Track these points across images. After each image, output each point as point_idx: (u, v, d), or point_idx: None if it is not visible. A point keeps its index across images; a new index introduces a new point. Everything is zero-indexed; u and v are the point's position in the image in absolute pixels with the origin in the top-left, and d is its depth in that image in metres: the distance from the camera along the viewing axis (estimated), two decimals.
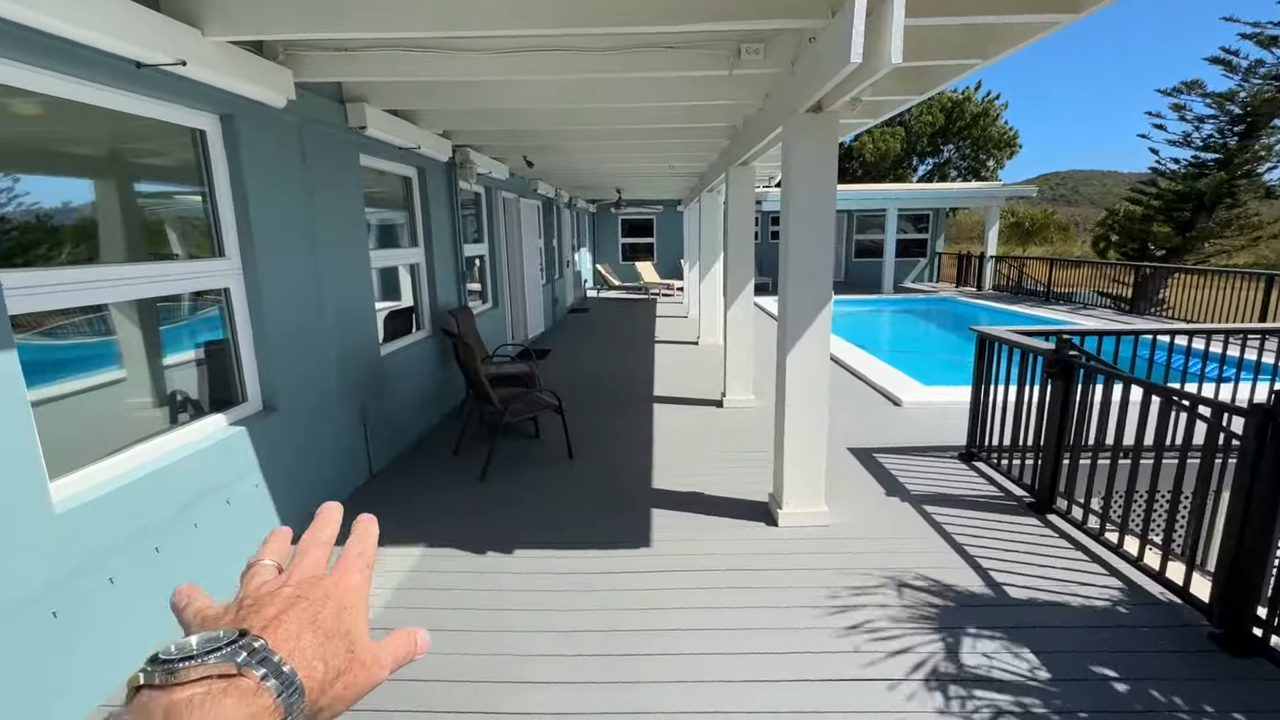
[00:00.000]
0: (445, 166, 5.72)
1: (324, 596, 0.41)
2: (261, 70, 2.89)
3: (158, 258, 2.92)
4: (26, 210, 2.31)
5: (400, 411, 4.73)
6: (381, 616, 2.67)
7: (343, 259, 3.91)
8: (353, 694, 0.40)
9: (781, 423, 3.38)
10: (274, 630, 0.36)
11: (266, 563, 0.46)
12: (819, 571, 2.94)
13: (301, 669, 0.35)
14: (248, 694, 0.32)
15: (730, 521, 3.48)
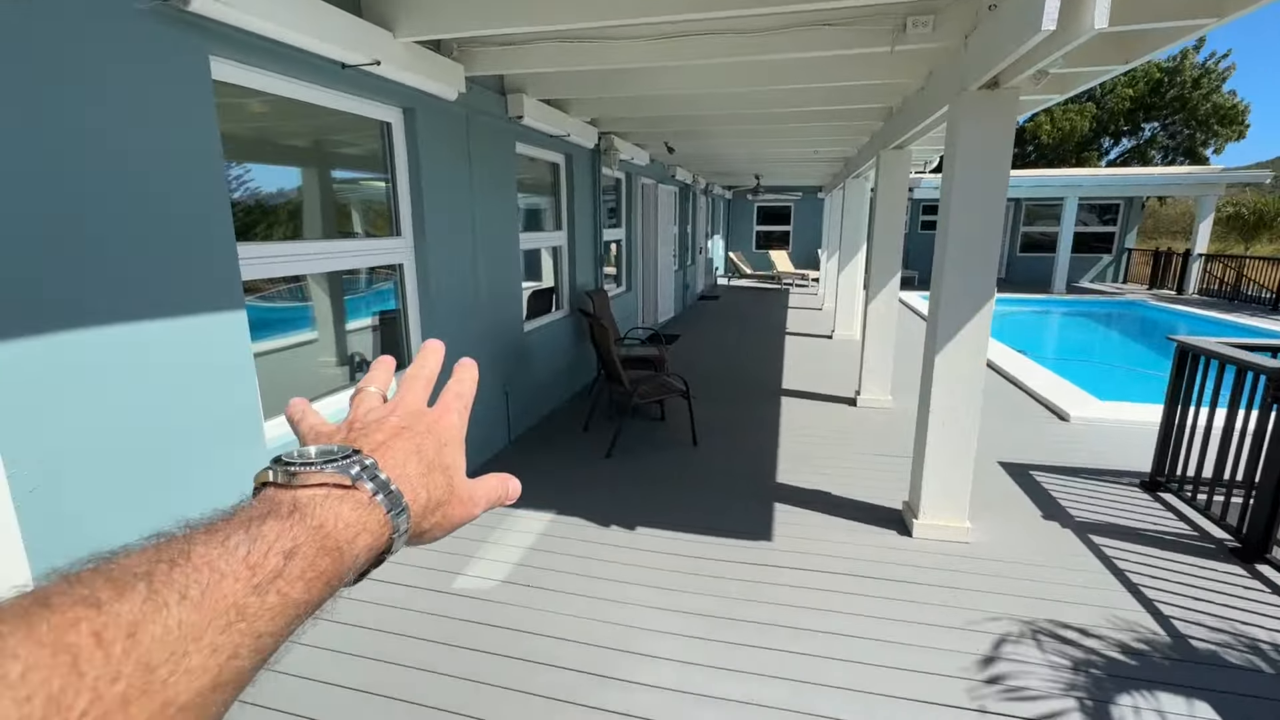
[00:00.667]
0: (590, 153, 5.94)
1: (426, 430, 0.42)
2: (439, 66, 3.18)
3: (345, 236, 3.35)
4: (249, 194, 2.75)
5: (537, 385, 5.04)
6: (515, 572, 2.89)
7: (496, 240, 4.22)
8: (449, 525, 0.41)
9: (924, 426, 3.14)
10: (382, 453, 0.38)
11: (372, 390, 0.46)
12: (957, 592, 2.71)
13: (406, 492, 0.37)
14: (362, 504, 0.34)
15: (857, 525, 3.32)
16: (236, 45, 2.22)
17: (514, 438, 4.62)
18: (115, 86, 1.83)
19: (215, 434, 2.21)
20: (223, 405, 2.24)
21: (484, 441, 4.17)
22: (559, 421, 5.09)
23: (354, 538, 0.33)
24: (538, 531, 3.27)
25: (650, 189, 8.76)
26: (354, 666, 2.28)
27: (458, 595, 2.71)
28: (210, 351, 2.18)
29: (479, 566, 2.93)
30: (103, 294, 1.82)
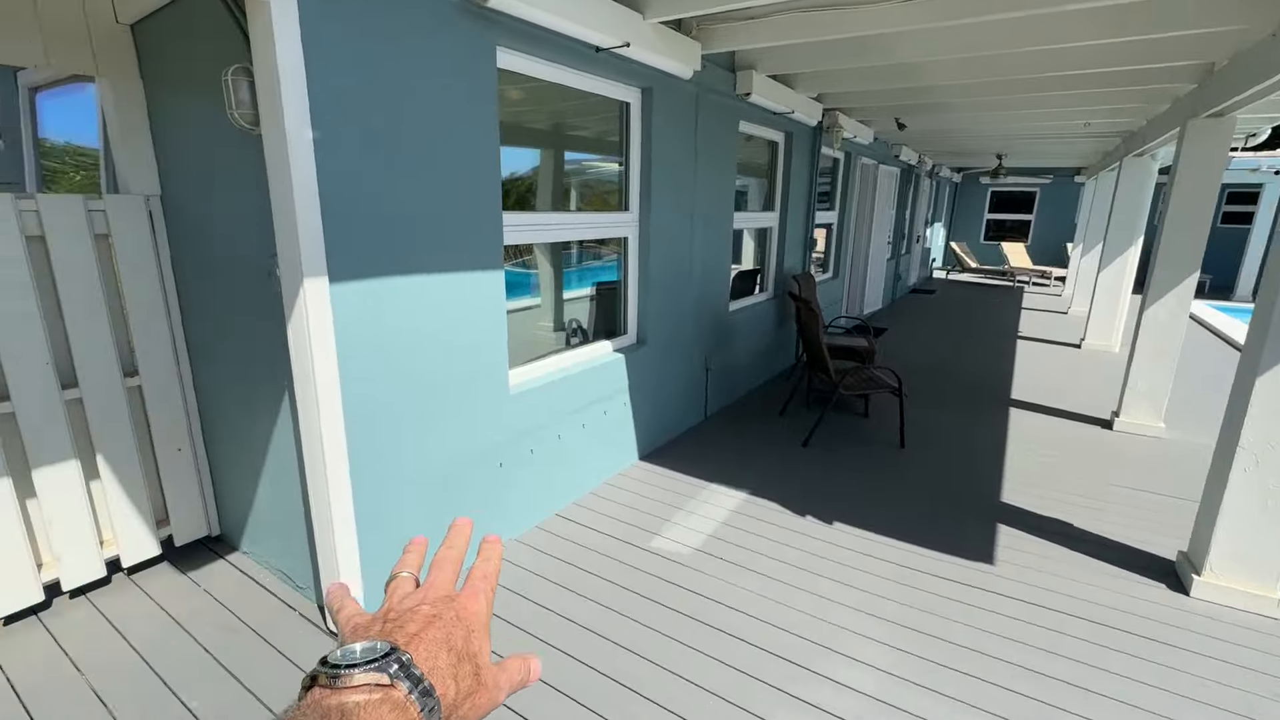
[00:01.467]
0: (811, 131, 5.69)
1: (455, 618, 0.42)
2: (679, 45, 3.27)
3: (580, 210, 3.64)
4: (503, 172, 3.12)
5: (736, 365, 5.04)
6: (707, 543, 2.95)
7: (712, 219, 4.27)
8: (475, 716, 0.40)
9: (1226, 464, 2.52)
10: (415, 646, 0.38)
11: (405, 575, 0.47)
12: (1252, 676, 2.15)
13: (438, 686, 0.37)
14: (399, 705, 0.34)
15: (1108, 568, 2.79)
16: (517, 35, 2.50)
17: (710, 413, 4.69)
18: (428, 80, 2.17)
19: (477, 376, 2.58)
20: (484, 352, 2.60)
21: (679, 414, 4.30)
22: (755, 404, 5.05)
23: None
24: (730, 508, 3.29)
25: (870, 170, 8.16)
26: (562, 597, 2.52)
27: (653, 554, 2.85)
28: (479, 305, 2.53)
29: (673, 531, 3.05)
30: (418, 251, 2.20)
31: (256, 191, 1.98)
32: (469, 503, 2.64)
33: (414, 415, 2.33)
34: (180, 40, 2.21)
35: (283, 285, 1.95)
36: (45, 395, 2.25)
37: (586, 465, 3.39)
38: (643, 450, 3.91)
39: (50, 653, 2.17)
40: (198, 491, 2.77)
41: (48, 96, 3.43)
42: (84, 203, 2.29)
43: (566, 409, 3.16)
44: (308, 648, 2.21)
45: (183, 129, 2.34)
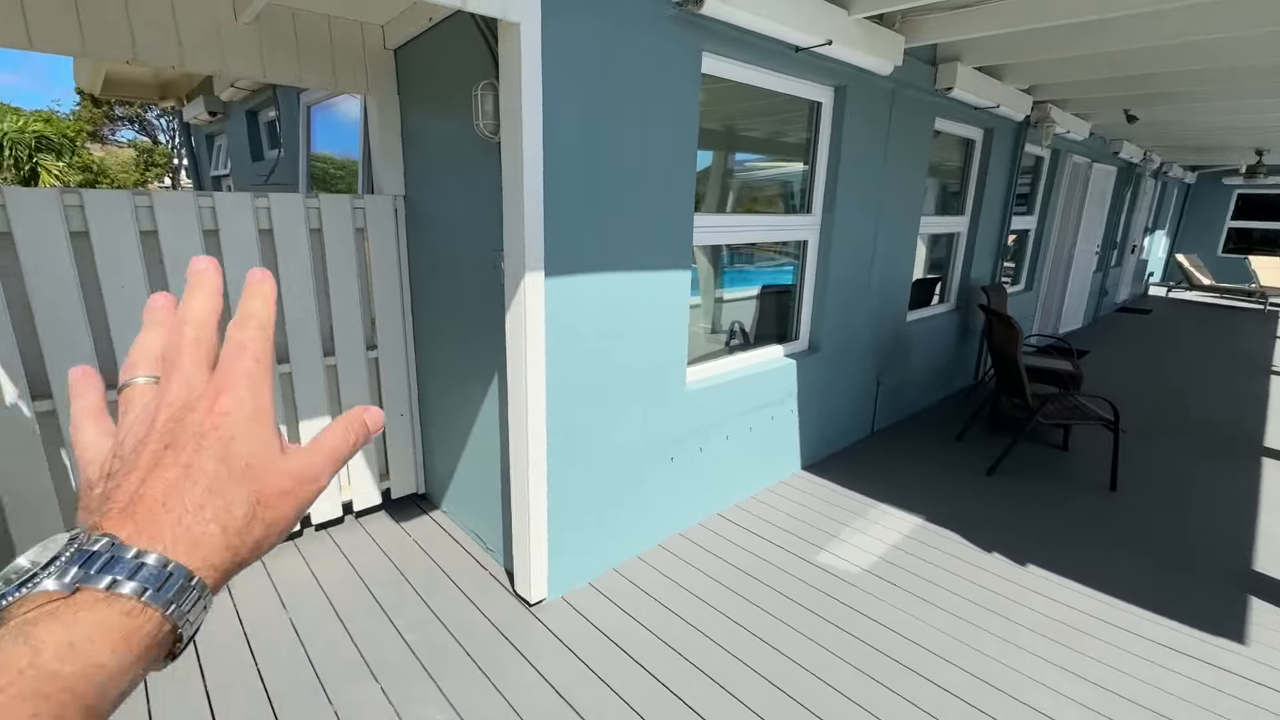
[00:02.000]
0: (1015, 127, 5.13)
1: (197, 438, 0.32)
2: (882, 40, 3.11)
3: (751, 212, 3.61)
4: None
5: (909, 380, 4.71)
6: (877, 565, 2.79)
7: (897, 223, 4.02)
8: (283, 523, 0.33)
9: None
10: (140, 515, 0.29)
11: (141, 381, 0.35)
12: None
13: (182, 546, 0.29)
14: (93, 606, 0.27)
15: None
16: (722, 39, 2.54)
17: (877, 429, 4.44)
18: (640, 89, 2.29)
19: (659, 371, 2.67)
20: (667, 347, 2.69)
21: (845, 426, 4.11)
22: (928, 423, 4.68)
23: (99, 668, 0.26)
24: (903, 532, 3.08)
25: (1081, 169, 7.16)
26: (721, 595, 2.53)
27: (820, 569, 2.76)
28: (667, 302, 2.62)
29: (841, 548, 2.93)
30: (620, 250, 2.34)
31: (488, 193, 2.22)
32: (642, 489, 2.75)
33: (601, 401, 2.48)
34: (434, 62, 2.54)
35: (506, 277, 2.17)
36: (312, 360, 2.72)
37: (750, 469, 3.37)
38: (806, 460, 3.80)
39: (299, 571, 2.63)
40: (412, 454, 3.18)
41: (317, 110, 4.13)
42: (350, 202, 2.73)
43: (735, 410, 3.16)
44: (491, 597, 2.45)
45: (427, 138, 2.69)
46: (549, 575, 2.45)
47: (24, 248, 2.00)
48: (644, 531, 2.83)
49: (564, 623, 2.36)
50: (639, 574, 2.68)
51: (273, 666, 2.11)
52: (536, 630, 2.32)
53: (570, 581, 2.55)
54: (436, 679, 2.07)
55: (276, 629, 2.29)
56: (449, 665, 2.13)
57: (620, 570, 2.70)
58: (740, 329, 4.28)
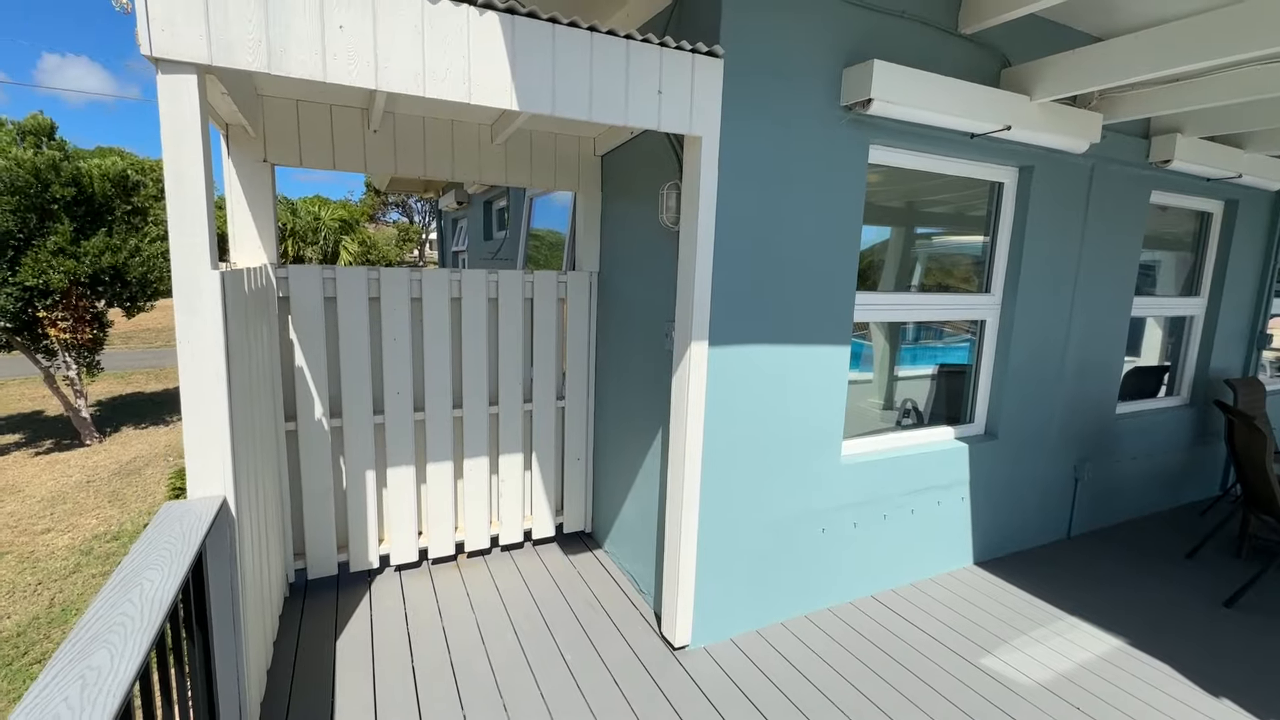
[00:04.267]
0: (1271, 197, 4.40)
1: None
2: (1073, 121, 3.01)
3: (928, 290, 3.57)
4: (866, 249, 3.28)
5: (1121, 481, 4.09)
6: (1057, 682, 2.48)
7: (1101, 304, 3.67)
8: None
9: None
10: None
11: None
12: None
13: None
14: None
15: None
16: (888, 133, 2.71)
17: (1075, 533, 3.90)
18: (808, 182, 2.54)
19: (813, 441, 2.77)
20: (822, 420, 2.78)
21: (1032, 527, 3.70)
22: (1146, 535, 4.00)
23: None
24: (1095, 652, 2.70)
25: None
26: (869, 680, 2.45)
27: (984, 672, 2.54)
28: (824, 376, 2.74)
29: (1012, 655, 2.66)
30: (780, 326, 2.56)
31: (666, 274, 2.59)
32: (790, 556, 2.81)
33: (753, 466, 2.64)
34: (633, 166, 3.06)
35: (675, 346, 2.49)
36: (515, 404, 3.28)
37: (911, 554, 3.21)
38: (979, 555, 3.50)
39: (484, 583, 3.10)
40: (584, 494, 3.59)
41: (539, 201, 5.02)
42: (556, 276, 3.32)
43: (895, 490, 3.08)
44: (642, 638, 2.65)
45: (621, 227, 3.20)
46: (694, 624, 2.60)
47: (342, 306, 2.81)
48: (791, 599, 2.86)
49: (701, 669, 2.48)
50: (781, 640, 2.71)
51: (461, 649, 2.53)
52: (675, 671, 2.47)
53: (713, 634, 2.67)
54: (584, 692, 2.32)
55: (464, 622, 2.74)
56: (595, 682, 2.37)
57: (763, 633, 2.75)
58: (913, 407, 4.15)
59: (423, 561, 3.28)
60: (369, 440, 2.97)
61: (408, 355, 2.98)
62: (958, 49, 2.80)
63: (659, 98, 2.15)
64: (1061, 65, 2.72)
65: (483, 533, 3.32)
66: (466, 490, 3.25)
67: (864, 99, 2.45)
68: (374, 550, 3.08)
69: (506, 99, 1.91)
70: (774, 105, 2.41)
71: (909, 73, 2.47)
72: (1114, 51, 2.54)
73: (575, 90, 2.00)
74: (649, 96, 2.13)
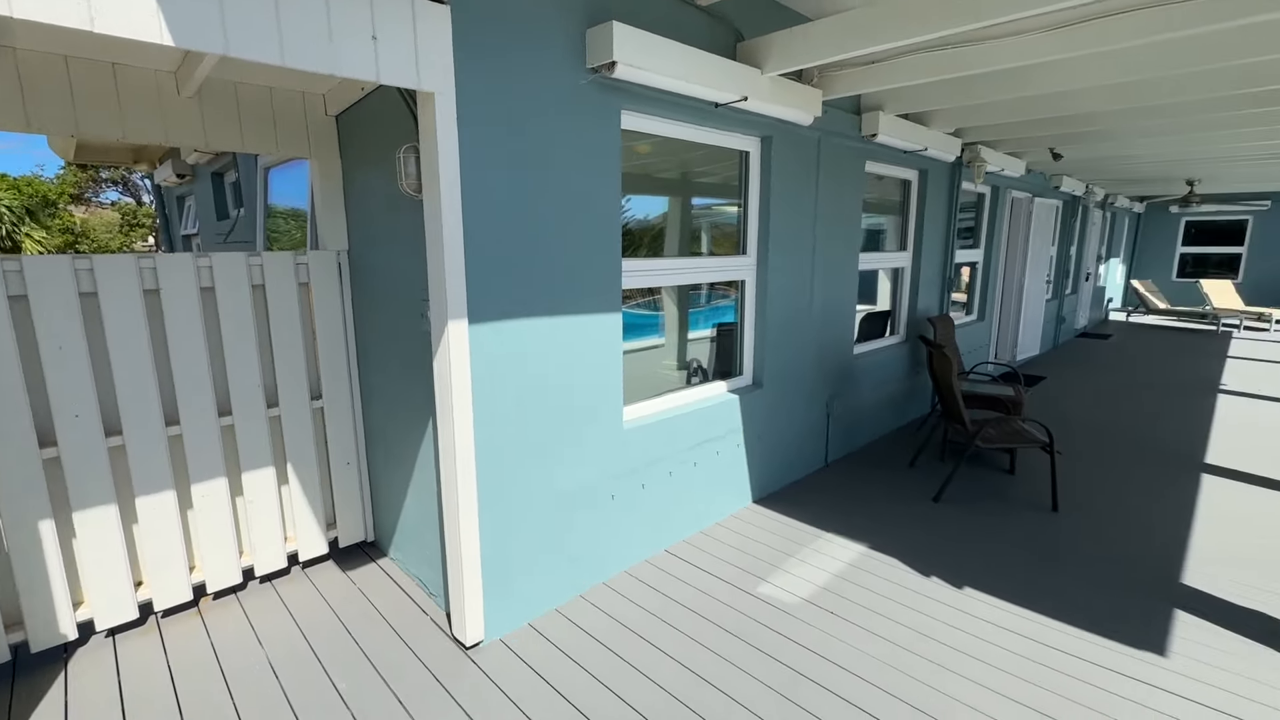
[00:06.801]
0: (949, 167, 5.42)
1: None
2: (800, 94, 3.34)
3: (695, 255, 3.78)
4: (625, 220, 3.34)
5: (862, 411, 4.82)
6: (818, 595, 2.83)
7: (835, 260, 4.21)
8: None
9: None
10: None
11: None
12: None
13: None
14: None
15: None
16: (640, 99, 2.73)
17: (831, 460, 4.52)
18: (559, 147, 2.45)
19: (594, 411, 2.76)
20: (601, 388, 2.78)
21: (797, 460, 4.19)
22: (881, 452, 4.77)
23: None
24: (846, 560, 3.14)
25: (1023, 204, 7.52)
26: (664, 633, 2.56)
27: (759, 599, 2.80)
28: (598, 345, 2.73)
29: (784, 579, 2.97)
30: (546, 297, 2.46)
31: (416, 247, 2.34)
32: (582, 528, 2.80)
33: (533, 442, 2.55)
34: (369, 127, 2.70)
35: (432, 325, 2.27)
36: (255, 411, 2.78)
37: (697, 504, 3.43)
38: (757, 493, 3.86)
39: (235, 626, 2.62)
40: (359, 502, 3.20)
41: (275, 172, 4.29)
42: (293, 258, 2.84)
43: (678, 447, 3.24)
44: (432, 644, 2.45)
45: (366, 197, 2.83)
46: (485, 617, 2.47)
47: None
48: (587, 571, 2.86)
49: (498, 664, 2.37)
50: (580, 613, 2.70)
51: (201, 717, 2.09)
52: (468, 672, 2.32)
53: (509, 623, 2.57)
54: None
55: (205, 681, 2.27)
56: (373, 707, 2.13)
57: (563, 610, 2.72)
58: (699, 366, 4.41)
59: (148, 617, 2.67)
60: (36, 481, 2.28)
61: (85, 367, 2.33)
62: (697, 19, 2.91)
63: (374, 44, 1.87)
64: (782, 42, 2.97)
65: (230, 567, 2.79)
66: (200, 522, 2.70)
67: (608, 61, 2.41)
68: (67, 618, 2.41)
69: (152, 30, 1.49)
70: (518, 63, 2.27)
71: (651, 38, 2.49)
72: (817, 32, 2.83)
73: (256, 25, 1.64)
74: (362, 42, 1.84)
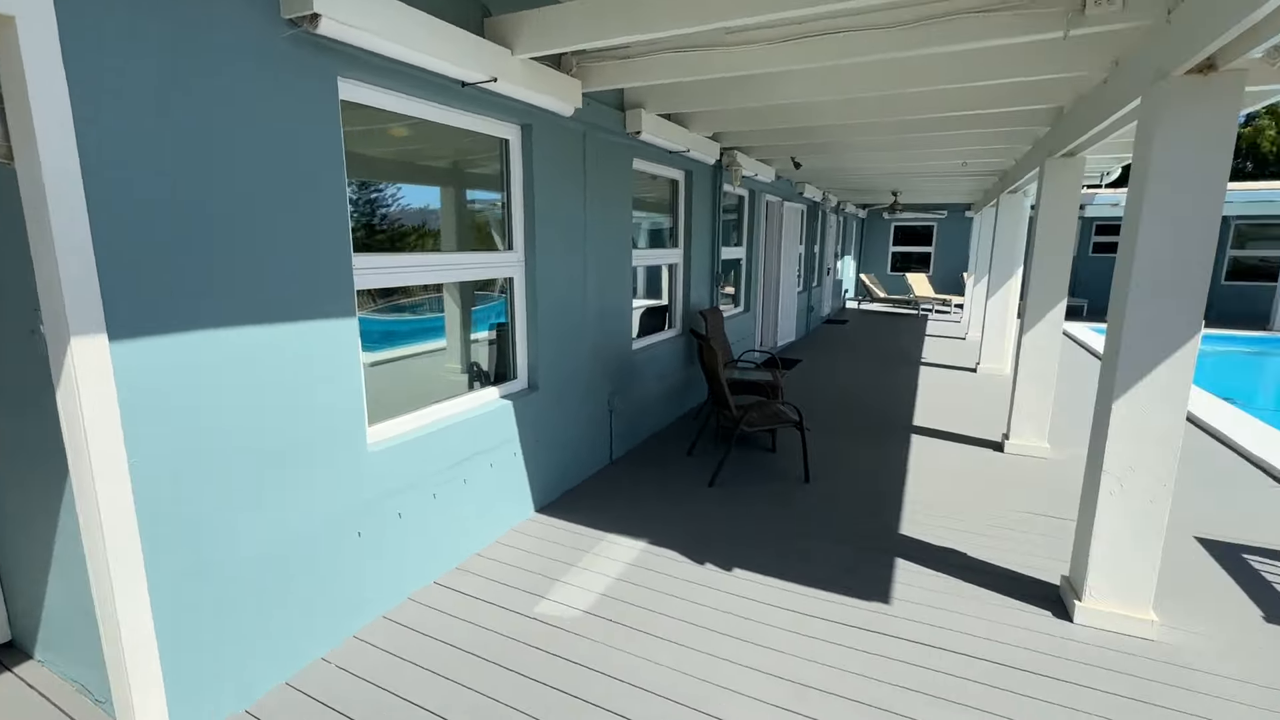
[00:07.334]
0: (711, 169, 5.78)
1: None
2: (556, 83, 3.18)
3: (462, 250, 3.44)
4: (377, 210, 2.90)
5: (644, 404, 4.92)
6: (599, 603, 2.73)
7: (608, 257, 4.18)
8: None
9: (1095, 488, 2.57)
10: None
11: None
12: (1138, 707, 2.14)
13: None
14: None
15: (998, 598, 2.78)
16: (363, 66, 2.32)
17: (615, 457, 4.52)
18: (245, 110, 1.95)
19: (323, 437, 2.28)
20: (331, 408, 2.31)
21: (581, 461, 4.10)
22: (665, 443, 4.92)
23: None
24: (628, 561, 3.10)
25: (775, 206, 8.43)
26: (432, 687, 2.23)
27: (538, 620, 2.61)
28: (323, 356, 2.26)
29: (564, 592, 2.82)
30: (238, 299, 1.94)
31: (17, 234, 1.67)
32: (319, 575, 2.32)
33: (237, 486, 2.02)
34: None
35: (49, 344, 1.64)
36: None
37: (470, 525, 3.12)
38: (539, 502, 3.67)
39: None
40: None
41: None
42: None
43: (442, 464, 2.90)
44: None
45: None
46: (176, 716, 1.89)
47: None
48: (328, 628, 2.39)
49: None
50: (318, 682, 2.24)
51: None
52: None
53: (212, 714, 2.02)
54: None
55: None
56: None
57: (295, 683, 2.23)
58: (480, 370, 4.05)
59: None
60: None
61: None
62: None
63: None
64: (532, 22, 2.78)
65: None
66: None
67: (308, 13, 1.97)
68: None
69: None
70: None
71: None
72: (566, 15, 2.69)
73: None
74: None
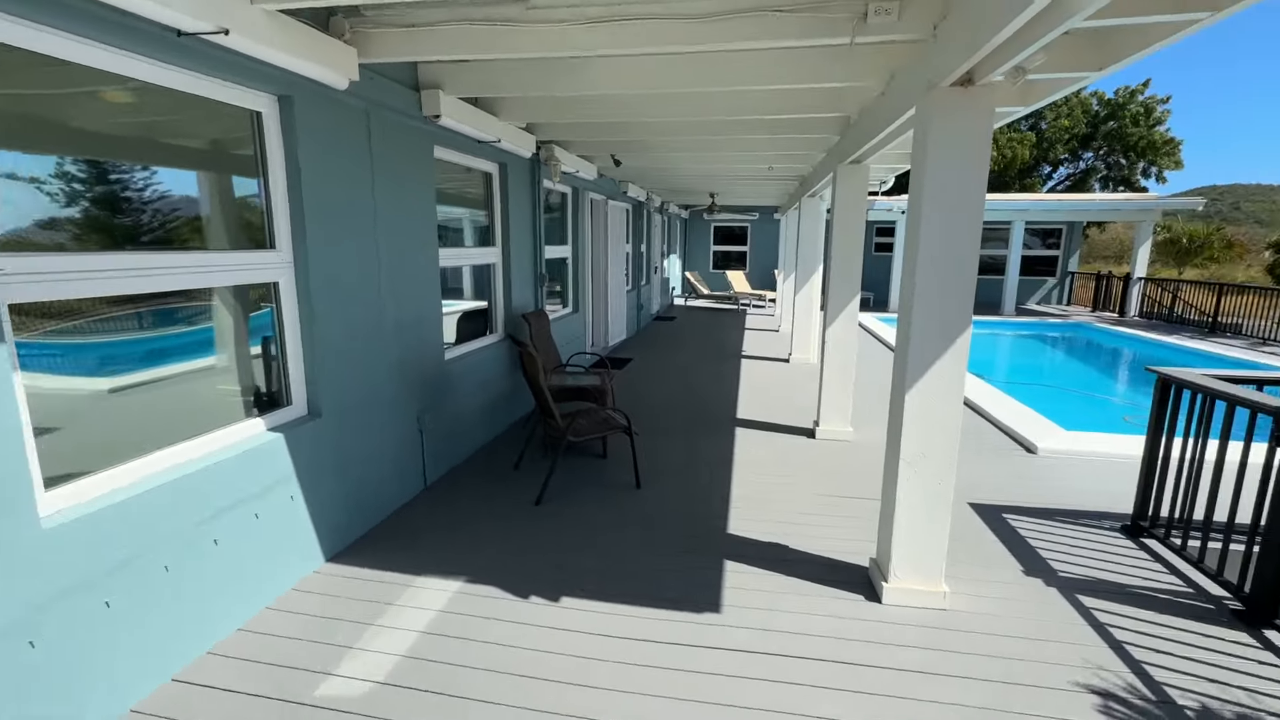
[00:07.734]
0: (528, 163, 5.45)
1: None
2: (320, 47, 2.64)
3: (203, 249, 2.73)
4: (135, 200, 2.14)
5: (463, 419, 4.45)
6: (401, 668, 2.29)
7: (407, 257, 3.66)
8: None
9: (894, 474, 2.72)
10: None
11: None
12: (938, 679, 2.27)
13: None
14: None
15: (819, 589, 2.85)
16: None
17: (431, 480, 4.01)
18: None
19: None
20: None
21: (386, 493, 3.56)
22: (492, 457, 4.51)
23: None
24: (439, 608, 2.68)
25: (600, 205, 8.33)
26: None
27: (320, 708, 2.11)
28: None
29: (355, 662, 2.33)
30: None
31: None
32: None
33: None
34: None
35: None
36: None
37: (224, 595, 2.47)
38: (331, 549, 3.08)
39: None
40: None
41: None
42: None
43: (178, 526, 2.24)
44: None
45: None
46: None
47: None
48: None
49: None
50: None
51: None
52: None
53: None
54: None
55: None
56: None
57: None
58: (260, 390, 3.28)
59: None
60: None
61: None
62: None
63: None
64: None
65: None
66: None
67: None
68: None
69: None
70: None
71: None
72: None
73: None
74: None
